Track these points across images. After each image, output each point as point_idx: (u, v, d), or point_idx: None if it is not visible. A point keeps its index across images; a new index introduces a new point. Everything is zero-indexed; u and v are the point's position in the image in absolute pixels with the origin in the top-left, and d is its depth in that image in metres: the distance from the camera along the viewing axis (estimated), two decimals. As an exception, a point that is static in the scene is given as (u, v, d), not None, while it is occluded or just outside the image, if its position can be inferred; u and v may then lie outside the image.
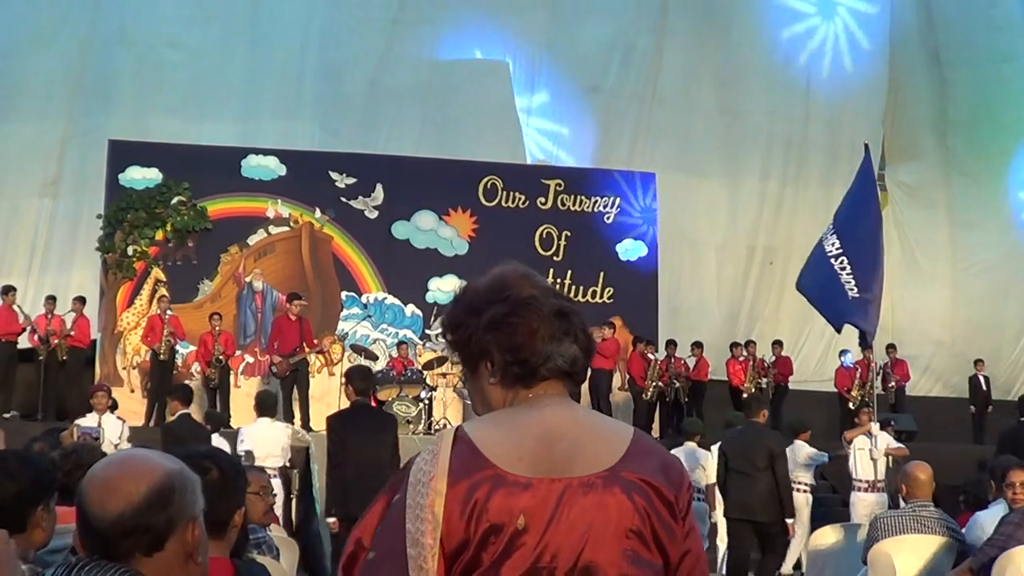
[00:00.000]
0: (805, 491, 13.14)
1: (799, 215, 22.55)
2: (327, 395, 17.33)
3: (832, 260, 12.30)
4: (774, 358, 19.08)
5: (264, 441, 12.03)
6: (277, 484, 11.26)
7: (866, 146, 13.99)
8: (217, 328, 17.08)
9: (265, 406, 12.27)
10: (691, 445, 12.77)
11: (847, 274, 12.26)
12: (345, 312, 18.81)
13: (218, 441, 11.50)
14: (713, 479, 11.90)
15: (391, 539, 2.05)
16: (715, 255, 22.50)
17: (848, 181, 22.77)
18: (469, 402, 2.28)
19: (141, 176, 18.28)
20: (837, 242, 12.37)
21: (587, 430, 2.17)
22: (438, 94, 21.13)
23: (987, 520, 6.58)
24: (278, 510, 10.34)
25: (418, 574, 2.01)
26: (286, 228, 18.90)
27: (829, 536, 8.25)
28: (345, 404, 17.23)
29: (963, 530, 6.82)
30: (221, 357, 16.90)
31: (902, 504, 7.24)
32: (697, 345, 19.26)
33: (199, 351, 17.23)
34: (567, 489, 2.06)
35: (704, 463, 12.64)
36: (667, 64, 22.40)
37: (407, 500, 2.06)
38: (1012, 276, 23.28)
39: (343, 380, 10.77)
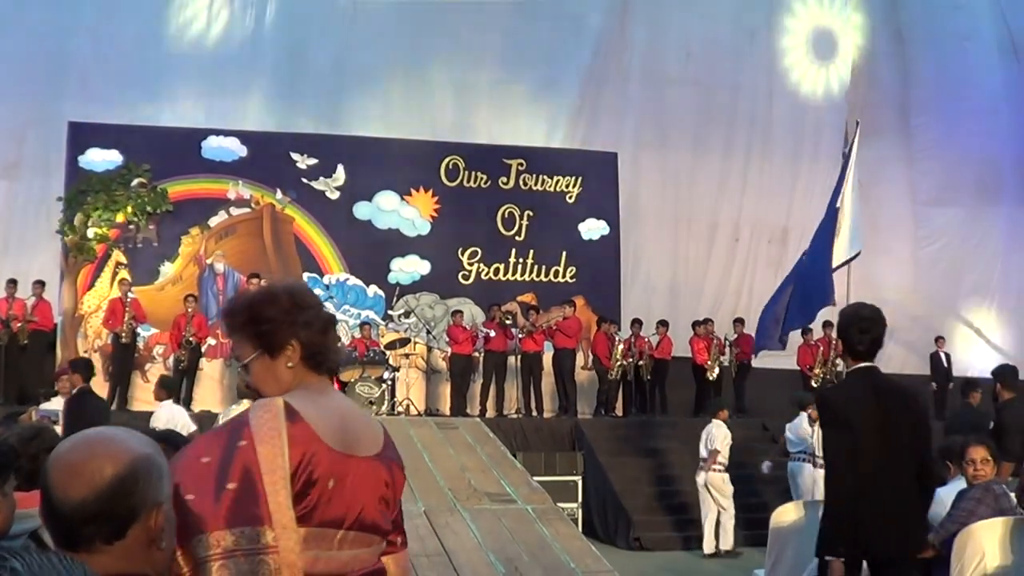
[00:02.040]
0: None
1: (764, 191, 22.62)
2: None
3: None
4: (735, 335, 19.11)
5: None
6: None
7: (857, 123, 14.14)
8: (191, 310, 16.97)
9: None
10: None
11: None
12: (307, 293, 18.63)
13: None
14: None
15: (245, 478, 2.50)
16: (678, 232, 22.45)
17: (813, 158, 23.01)
18: (250, 380, 2.72)
19: (101, 158, 18.16)
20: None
21: (361, 420, 2.86)
22: (401, 74, 20.99)
23: (947, 497, 6.62)
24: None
25: (275, 499, 2.50)
26: (247, 209, 18.81)
27: (791, 513, 8.23)
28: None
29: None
30: (192, 339, 16.80)
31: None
32: (662, 324, 19.17)
33: (171, 332, 17.11)
34: (358, 463, 2.69)
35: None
36: (631, 40, 22.32)
37: (257, 447, 2.53)
38: (971, 253, 23.45)
39: (71, 370, 11.64)
